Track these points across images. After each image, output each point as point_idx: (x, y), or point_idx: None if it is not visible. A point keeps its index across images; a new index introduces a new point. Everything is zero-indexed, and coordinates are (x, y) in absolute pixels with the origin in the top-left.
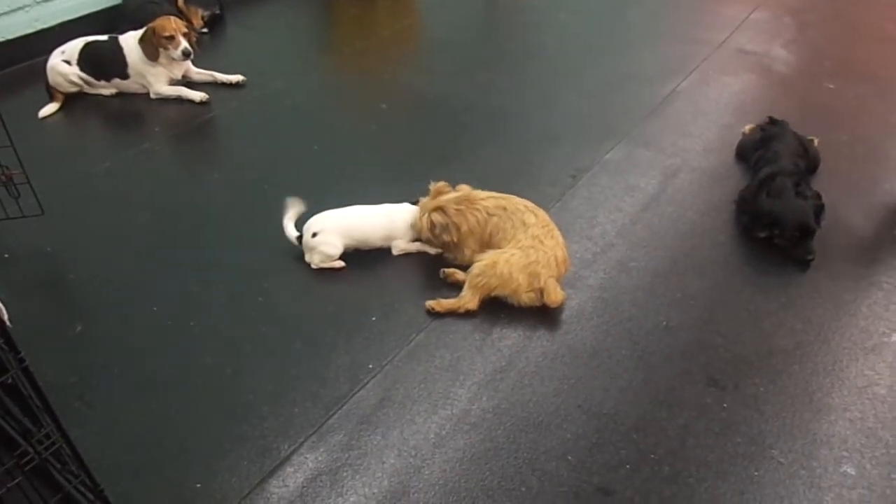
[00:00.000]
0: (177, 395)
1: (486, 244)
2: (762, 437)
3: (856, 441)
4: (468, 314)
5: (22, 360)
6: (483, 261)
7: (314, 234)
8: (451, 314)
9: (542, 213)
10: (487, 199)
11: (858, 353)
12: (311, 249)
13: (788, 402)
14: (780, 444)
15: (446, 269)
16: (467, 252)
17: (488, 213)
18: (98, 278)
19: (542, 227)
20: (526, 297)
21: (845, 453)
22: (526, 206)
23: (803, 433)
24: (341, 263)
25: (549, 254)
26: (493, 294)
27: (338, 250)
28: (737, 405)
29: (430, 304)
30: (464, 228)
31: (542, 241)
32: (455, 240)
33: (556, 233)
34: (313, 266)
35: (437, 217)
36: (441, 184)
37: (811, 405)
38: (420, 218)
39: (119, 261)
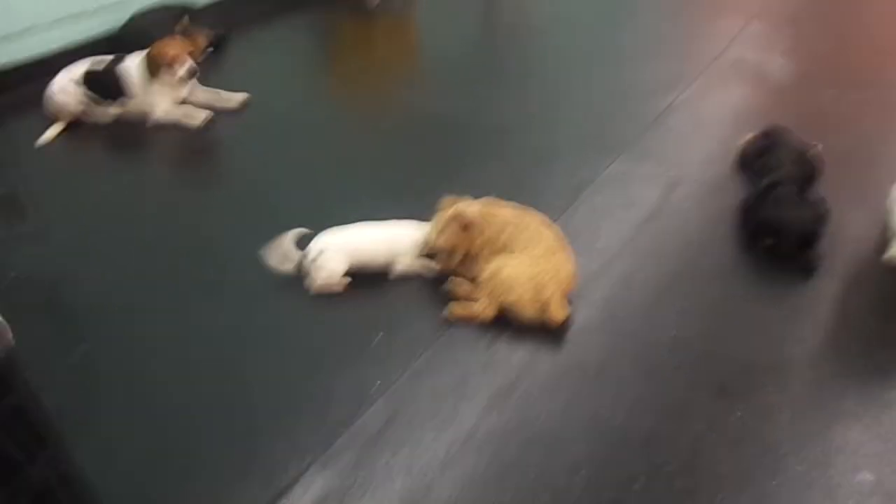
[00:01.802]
0: (181, 417)
1: (501, 254)
2: (777, 446)
3: (872, 447)
4: (483, 323)
5: (26, 384)
6: (491, 266)
7: (318, 255)
8: (470, 321)
9: (555, 229)
10: (505, 209)
11: (869, 358)
12: (315, 270)
13: (801, 411)
14: (796, 453)
15: (452, 282)
16: (481, 264)
17: (504, 223)
18: (101, 302)
19: (556, 241)
20: (530, 309)
21: (862, 459)
22: (542, 222)
23: (818, 441)
24: (346, 282)
25: (558, 267)
26: (499, 301)
27: (342, 270)
28: (748, 415)
29: (449, 308)
30: (486, 234)
31: (553, 255)
32: (476, 243)
33: (568, 250)
34: (317, 286)
35: (473, 211)
36: (452, 198)
37: (824, 412)
38: (446, 216)
39: (121, 284)
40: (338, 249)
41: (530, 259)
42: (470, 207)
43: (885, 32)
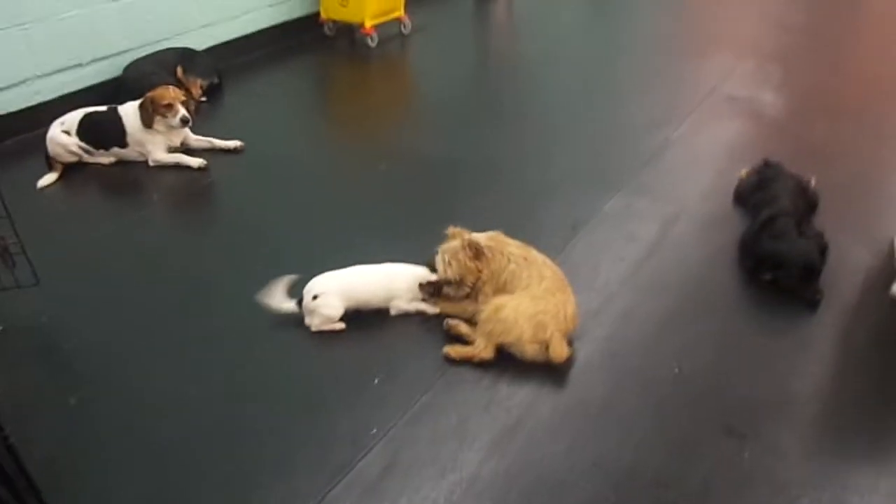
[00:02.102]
0: (174, 468)
1: (501, 292)
2: (788, 486)
3: (886, 485)
4: (483, 364)
5: (6, 438)
6: (490, 305)
7: (315, 297)
8: (467, 362)
9: (557, 269)
10: (512, 245)
11: (876, 392)
12: (312, 312)
13: (810, 449)
14: (809, 493)
15: (450, 321)
16: (480, 300)
17: (508, 260)
18: (94, 348)
19: (557, 281)
20: (530, 349)
21: (876, 499)
22: (545, 262)
23: (831, 480)
24: (342, 325)
25: (558, 306)
26: (498, 341)
27: (339, 312)
28: (758, 453)
29: (446, 349)
30: (493, 266)
31: (553, 294)
32: (483, 274)
33: (569, 290)
34: (313, 329)
35: (479, 238)
36: (458, 229)
37: (834, 450)
38: (454, 245)
39: (116, 329)
40: (334, 292)
41: (530, 298)
42: (478, 235)
43: (872, 66)
